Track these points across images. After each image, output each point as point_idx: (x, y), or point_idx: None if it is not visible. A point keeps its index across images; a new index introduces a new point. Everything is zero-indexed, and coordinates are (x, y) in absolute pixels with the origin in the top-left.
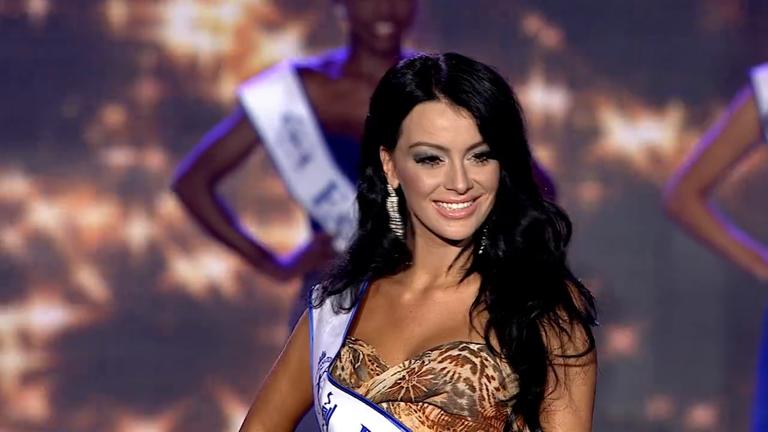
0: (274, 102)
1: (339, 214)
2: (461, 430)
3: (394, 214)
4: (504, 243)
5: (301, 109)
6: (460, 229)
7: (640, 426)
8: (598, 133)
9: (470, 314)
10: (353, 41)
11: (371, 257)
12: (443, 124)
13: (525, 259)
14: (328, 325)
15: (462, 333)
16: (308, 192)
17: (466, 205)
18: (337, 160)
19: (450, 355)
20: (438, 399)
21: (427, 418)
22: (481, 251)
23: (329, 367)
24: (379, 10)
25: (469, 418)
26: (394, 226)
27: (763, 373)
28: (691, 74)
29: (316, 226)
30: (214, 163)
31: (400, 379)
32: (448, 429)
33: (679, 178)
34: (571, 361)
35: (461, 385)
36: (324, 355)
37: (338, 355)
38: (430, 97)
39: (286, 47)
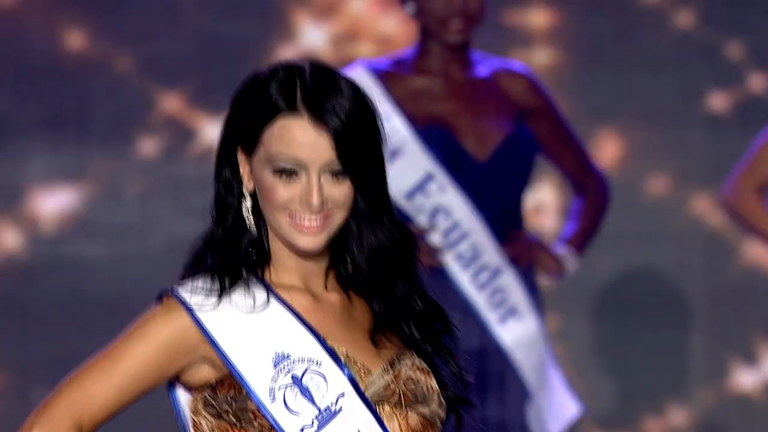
0: None
1: (434, 206)
2: None
3: (249, 216)
4: (360, 263)
5: (385, 106)
6: (311, 241)
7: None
8: None
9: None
10: (423, 37)
11: (237, 256)
12: (303, 140)
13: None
14: (257, 325)
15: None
16: (399, 187)
17: (318, 218)
18: (431, 151)
19: (417, 365)
20: (426, 410)
21: (408, 425)
22: (347, 272)
23: (342, 364)
24: (452, 6)
25: (440, 426)
26: (250, 228)
27: None
28: None
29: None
30: None
31: (390, 382)
32: None
33: (736, 175)
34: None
35: (438, 397)
36: (286, 356)
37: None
38: (293, 110)
39: None
